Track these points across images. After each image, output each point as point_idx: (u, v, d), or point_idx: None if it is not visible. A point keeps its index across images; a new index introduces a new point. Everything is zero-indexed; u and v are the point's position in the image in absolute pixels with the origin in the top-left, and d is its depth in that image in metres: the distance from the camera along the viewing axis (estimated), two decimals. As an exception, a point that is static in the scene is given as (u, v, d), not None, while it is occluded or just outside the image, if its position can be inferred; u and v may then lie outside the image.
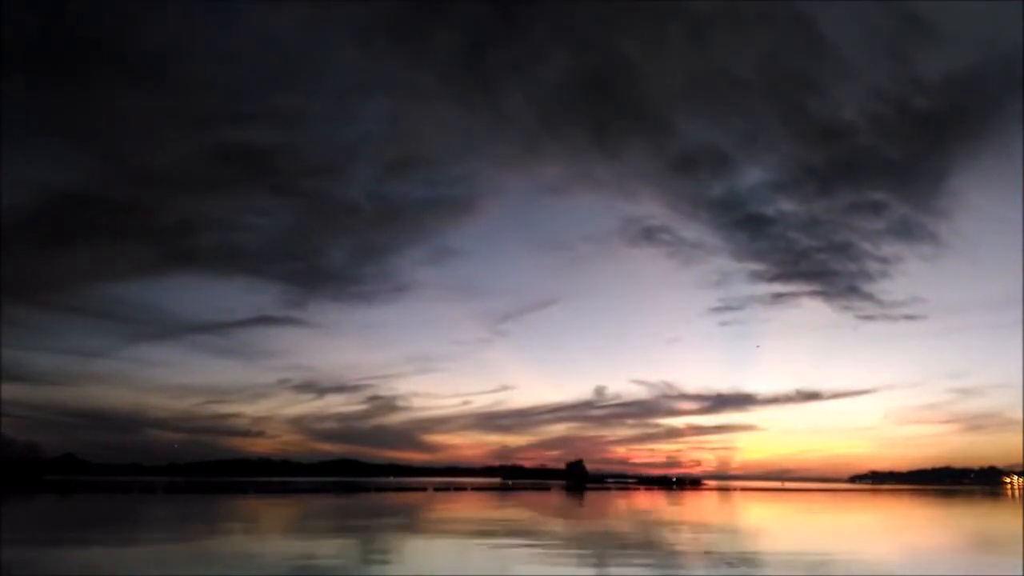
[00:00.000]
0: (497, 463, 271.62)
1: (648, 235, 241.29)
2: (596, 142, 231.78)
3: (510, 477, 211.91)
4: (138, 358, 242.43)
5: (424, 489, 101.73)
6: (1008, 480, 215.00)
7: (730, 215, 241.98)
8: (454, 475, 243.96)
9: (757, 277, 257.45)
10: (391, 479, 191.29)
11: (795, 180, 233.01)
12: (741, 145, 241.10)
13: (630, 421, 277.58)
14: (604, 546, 27.12)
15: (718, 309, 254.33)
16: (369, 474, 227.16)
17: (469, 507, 56.23)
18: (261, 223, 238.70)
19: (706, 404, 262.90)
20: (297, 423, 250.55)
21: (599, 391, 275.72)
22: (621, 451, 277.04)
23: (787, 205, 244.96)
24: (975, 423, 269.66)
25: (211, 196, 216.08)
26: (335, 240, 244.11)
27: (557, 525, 37.52)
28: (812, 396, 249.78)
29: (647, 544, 27.74)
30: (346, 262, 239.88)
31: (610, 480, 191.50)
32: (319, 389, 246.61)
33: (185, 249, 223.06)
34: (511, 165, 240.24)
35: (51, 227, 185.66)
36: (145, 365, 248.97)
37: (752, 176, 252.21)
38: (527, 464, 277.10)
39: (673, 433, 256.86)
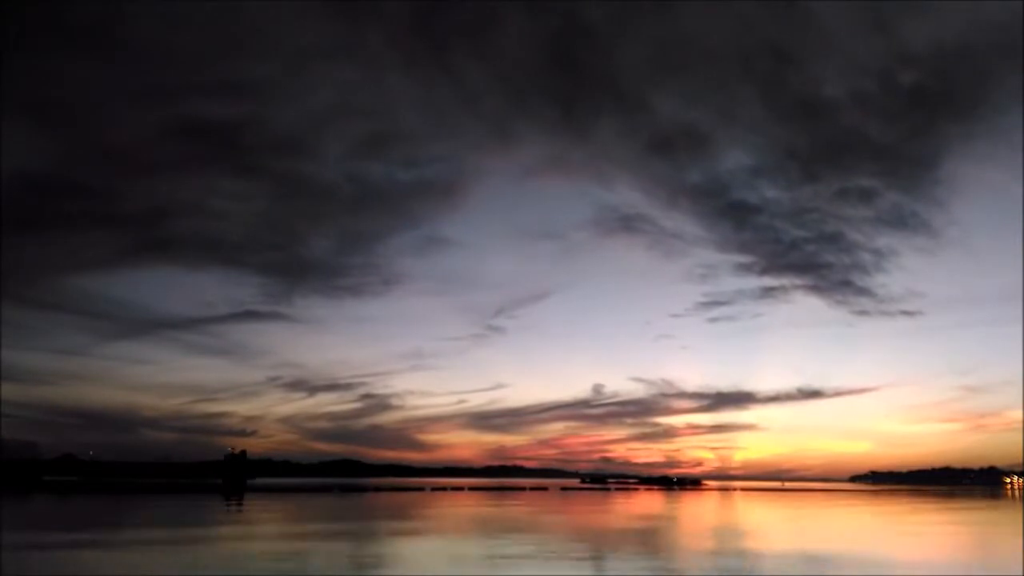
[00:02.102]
0: (497, 463, 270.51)
1: (626, 225, 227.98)
2: (566, 122, 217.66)
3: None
4: (118, 356, 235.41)
5: (422, 489, 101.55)
6: (1008, 480, 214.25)
7: (712, 202, 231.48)
8: (453, 476, 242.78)
9: (745, 270, 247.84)
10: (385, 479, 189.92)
11: (778, 164, 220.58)
12: (718, 123, 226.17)
13: (629, 420, 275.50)
14: None
15: (705, 304, 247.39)
16: (369, 474, 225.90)
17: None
18: (234, 208, 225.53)
19: (705, 403, 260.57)
20: (289, 422, 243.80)
21: (597, 389, 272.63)
22: (620, 450, 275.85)
23: (771, 191, 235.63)
24: (976, 422, 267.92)
25: (178, 177, 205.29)
26: (315, 227, 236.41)
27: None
28: (813, 394, 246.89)
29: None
30: (329, 252, 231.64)
31: (611, 480, 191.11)
32: (310, 387, 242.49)
33: (156, 238, 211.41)
34: (485, 146, 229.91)
35: (11, 214, 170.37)
36: (126, 363, 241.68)
37: (732, 159, 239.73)
38: (527, 465, 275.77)
39: (672, 432, 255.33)
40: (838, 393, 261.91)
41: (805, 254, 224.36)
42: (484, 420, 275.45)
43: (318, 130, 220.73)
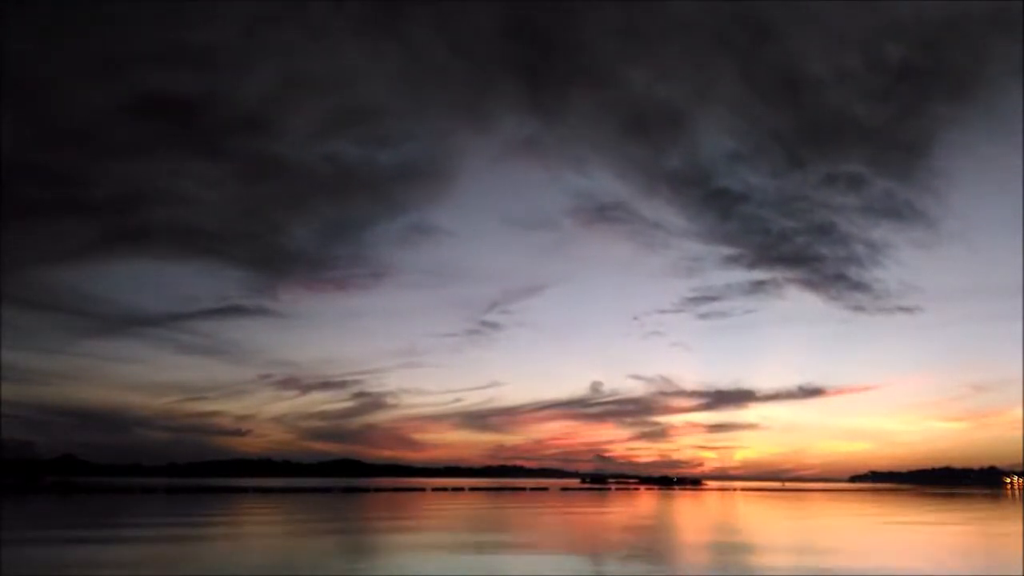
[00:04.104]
0: (497, 463, 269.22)
1: (605, 214, 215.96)
2: (534, 99, 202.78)
3: None
4: (99, 354, 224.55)
5: (423, 490, 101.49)
6: (1008, 480, 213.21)
7: (693, 190, 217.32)
8: (452, 476, 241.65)
9: (732, 262, 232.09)
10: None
11: (760, 148, 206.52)
12: (695, 102, 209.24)
13: (628, 419, 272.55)
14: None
15: (694, 299, 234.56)
16: (369, 475, 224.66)
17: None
18: (206, 194, 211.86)
19: (704, 401, 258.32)
20: (282, 421, 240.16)
21: (595, 387, 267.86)
22: (620, 450, 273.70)
23: (754, 178, 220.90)
24: (977, 421, 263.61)
25: (143, 160, 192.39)
26: (294, 215, 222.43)
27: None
28: (814, 392, 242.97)
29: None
30: (312, 242, 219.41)
31: (611, 480, 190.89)
32: (302, 386, 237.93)
33: (127, 227, 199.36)
34: (458, 126, 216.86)
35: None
36: (108, 361, 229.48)
37: (711, 142, 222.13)
38: (527, 465, 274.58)
39: (671, 431, 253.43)
40: (838, 391, 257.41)
41: (796, 246, 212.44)
42: (481, 419, 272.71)
43: (279, 104, 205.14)
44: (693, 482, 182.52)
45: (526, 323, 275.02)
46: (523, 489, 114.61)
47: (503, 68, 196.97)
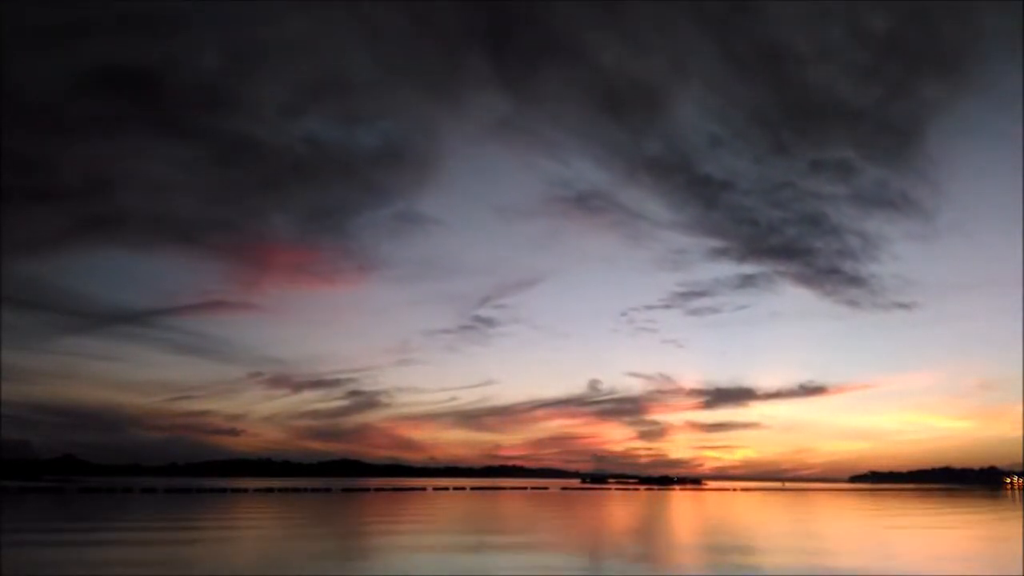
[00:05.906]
0: (497, 463, 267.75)
1: (583, 204, 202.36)
2: (500, 75, 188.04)
3: None
4: (81, 352, 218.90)
5: (423, 490, 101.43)
6: (1008, 480, 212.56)
7: (675, 177, 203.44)
8: (452, 476, 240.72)
9: (720, 255, 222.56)
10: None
11: (742, 131, 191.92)
12: (672, 80, 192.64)
13: (627, 418, 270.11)
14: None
15: (683, 295, 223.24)
16: (369, 475, 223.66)
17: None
18: (178, 179, 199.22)
19: (704, 399, 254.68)
20: (274, 420, 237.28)
21: (593, 385, 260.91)
22: (619, 449, 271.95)
23: (738, 164, 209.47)
24: (976, 420, 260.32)
25: (108, 140, 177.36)
26: (274, 201, 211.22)
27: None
28: (814, 391, 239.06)
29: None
30: (295, 231, 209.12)
31: (611, 480, 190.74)
32: (294, 384, 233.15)
33: (99, 215, 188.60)
34: (431, 108, 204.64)
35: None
36: (91, 359, 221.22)
37: (691, 125, 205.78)
38: (527, 465, 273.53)
39: (671, 430, 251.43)
40: (839, 390, 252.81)
41: (786, 238, 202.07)
42: (478, 418, 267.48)
43: (240, 77, 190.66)
44: (693, 481, 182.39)
45: (520, 319, 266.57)
46: (524, 489, 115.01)
47: (467, 41, 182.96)
